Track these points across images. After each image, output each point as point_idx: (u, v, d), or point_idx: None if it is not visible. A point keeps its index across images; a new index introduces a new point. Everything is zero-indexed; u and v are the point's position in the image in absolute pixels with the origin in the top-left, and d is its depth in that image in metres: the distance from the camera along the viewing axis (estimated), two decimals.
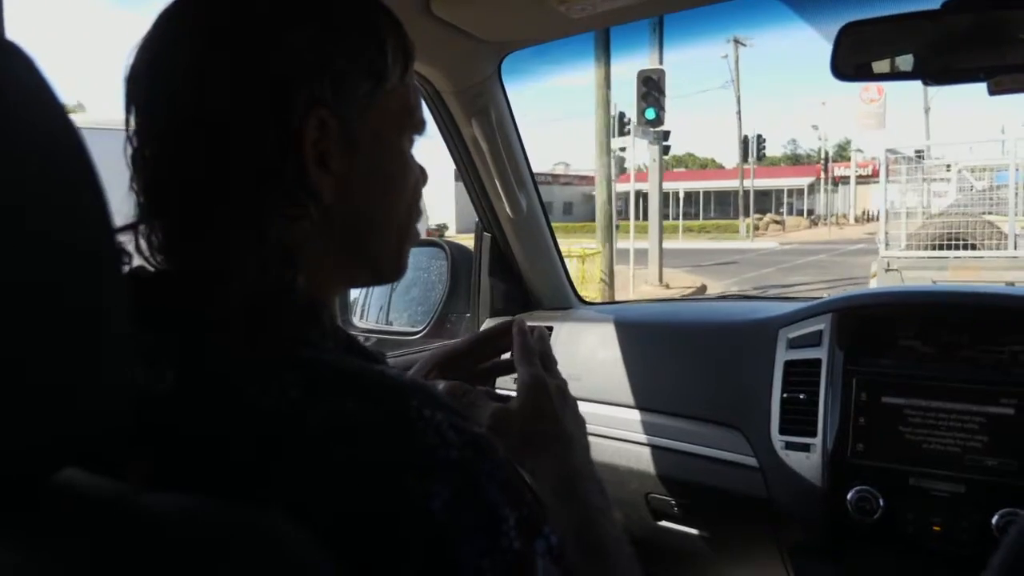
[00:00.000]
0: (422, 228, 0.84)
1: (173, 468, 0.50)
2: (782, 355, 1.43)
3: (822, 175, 43.46)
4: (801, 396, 1.37)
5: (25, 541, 0.37)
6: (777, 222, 39.86)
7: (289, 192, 0.59)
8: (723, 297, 2.15)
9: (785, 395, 1.39)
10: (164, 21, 0.61)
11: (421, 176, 0.72)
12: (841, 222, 43.06)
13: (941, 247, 8.77)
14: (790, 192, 48.25)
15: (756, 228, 36.24)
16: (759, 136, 34.50)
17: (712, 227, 39.33)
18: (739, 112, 36.17)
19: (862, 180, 47.16)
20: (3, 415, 0.35)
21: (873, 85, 29.57)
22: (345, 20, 0.62)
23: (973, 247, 8.73)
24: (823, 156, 39.26)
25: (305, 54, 0.59)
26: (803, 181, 46.68)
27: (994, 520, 1.17)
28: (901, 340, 1.35)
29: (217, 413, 0.51)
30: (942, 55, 1.19)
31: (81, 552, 0.35)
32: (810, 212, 46.84)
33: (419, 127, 0.70)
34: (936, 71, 1.20)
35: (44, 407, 0.37)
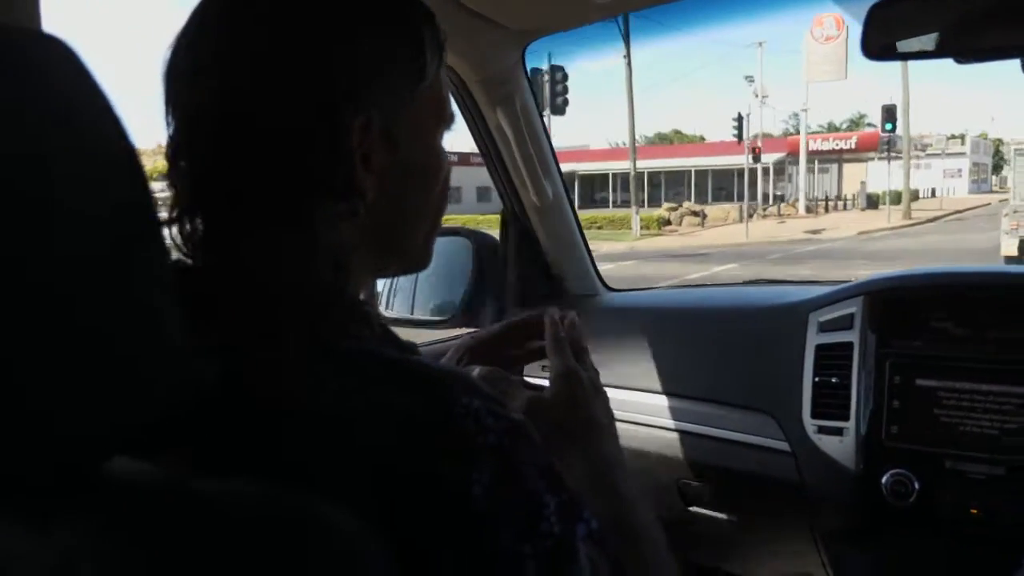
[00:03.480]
0: None
1: (216, 458, 0.51)
2: (813, 339, 1.42)
3: (803, 149, 35.64)
4: (833, 380, 1.36)
5: (81, 526, 0.38)
6: (695, 214, 30.89)
7: (336, 192, 0.60)
8: (751, 282, 2.14)
9: (817, 379, 1.38)
10: (203, 18, 0.61)
11: (449, 167, 0.73)
12: (787, 212, 35.22)
13: None
14: (752, 172, 37.47)
15: (667, 223, 29.41)
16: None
17: (606, 221, 29.52)
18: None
19: (851, 157, 42.01)
20: (64, 402, 0.36)
21: (830, 16, 27.12)
22: (387, 20, 0.63)
23: None
24: (737, 122, 28.01)
25: (352, 55, 0.59)
26: (768, 158, 37.10)
27: None
28: (933, 322, 1.34)
29: (261, 404, 0.52)
30: (973, 32, 1.17)
31: (137, 536, 0.36)
32: (778, 198, 39.66)
33: (450, 121, 0.70)
34: (968, 48, 1.18)
35: (102, 394, 0.38)
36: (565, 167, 2.03)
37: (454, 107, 0.72)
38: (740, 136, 28.94)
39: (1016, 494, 1.18)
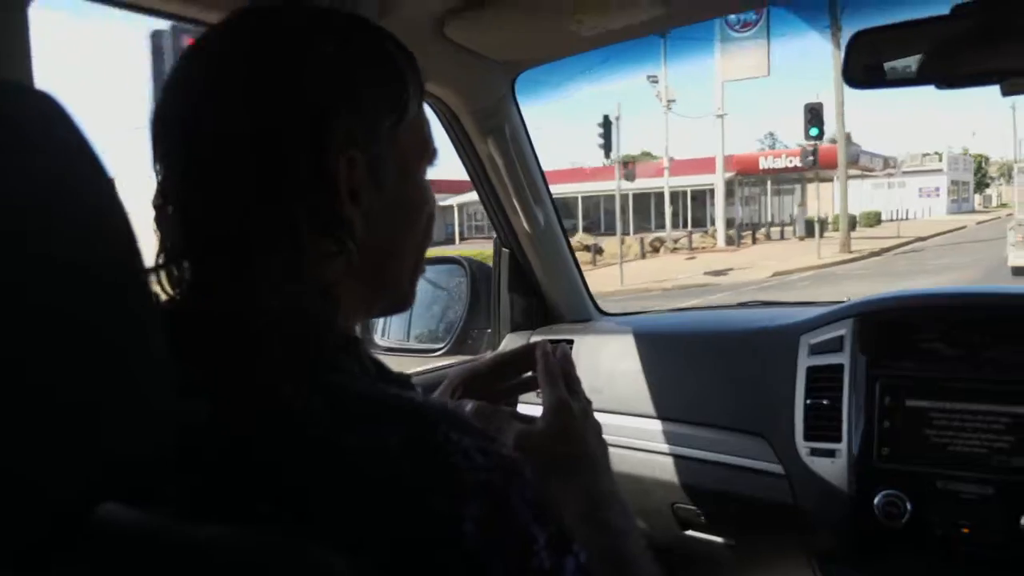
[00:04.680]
0: None
1: (207, 499, 0.52)
2: (804, 361, 1.43)
3: (720, 168, 28.71)
4: (824, 402, 1.37)
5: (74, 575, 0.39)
6: (587, 248, 22.99)
7: (325, 229, 0.61)
8: (745, 304, 2.15)
9: (808, 401, 1.40)
10: (193, 64, 0.63)
11: (434, 203, 0.74)
12: (702, 245, 28.17)
13: None
14: (697, 195, 34.56)
15: None
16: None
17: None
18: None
19: (814, 176, 31.36)
20: (44, 447, 0.36)
21: None
22: (370, 59, 0.64)
23: None
24: (604, 130, 20.49)
25: (336, 94, 0.61)
26: (712, 179, 30.13)
27: (1023, 521, 1.17)
28: (923, 343, 1.35)
29: (250, 444, 0.53)
30: (954, 58, 1.19)
31: None
32: (695, 224, 33.01)
33: (433, 157, 0.72)
34: (949, 75, 1.20)
35: (85, 439, 0.38)
36: (459, 198, 2.01)
37: (438, 141, 0.74)
38: (607, 148, 21.17)
39: (1006, 513, 1.19)
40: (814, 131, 20.29)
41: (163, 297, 0.61)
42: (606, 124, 21.09)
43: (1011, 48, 1.14)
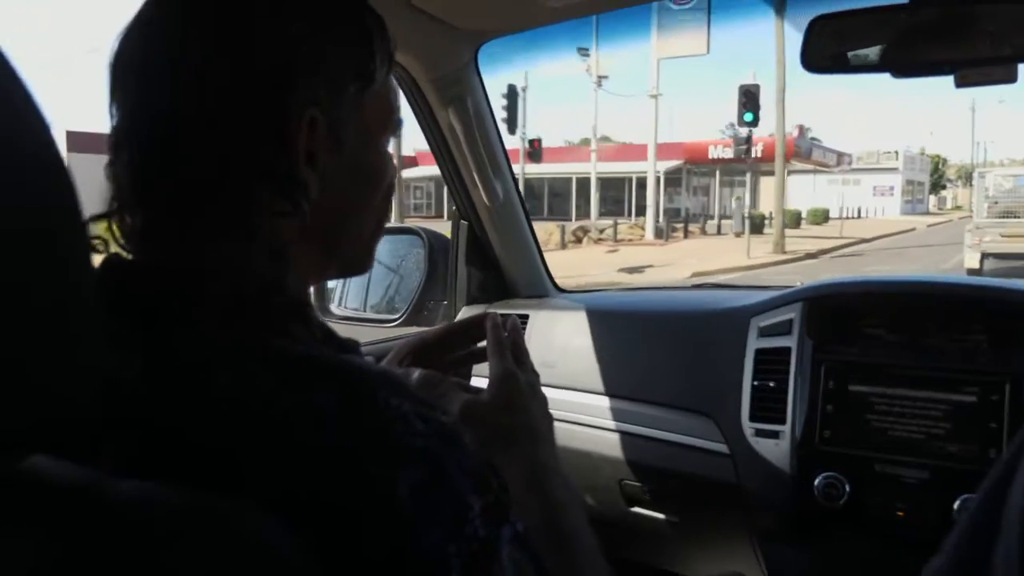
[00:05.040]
0: None
1: (143, 457, 0.51)
2: (753, 343, 1.45)
3: (652, 155, 26.26)
4: (771, 384, 1.40)
5: None
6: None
7: (280, 189, 0.60)
8: (699, 286, 2.18)
9: (755, 383, 1.42)
10: (156, 10, 0.61)
11: (395, 171, 0.73)
12: (629, 236, 25.55)
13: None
14: (627, 184, 32.64)
15: None
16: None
17: None
18: None
19: (768, 169, 29.89)
20: None
21: None
22: (337, 21, 0.63)
23: None
24: (508, 101, 18.43)
25: (301, 54, 0.60)
26: (661, 166, 28.72)
27: (956, 505, 1.20)
28: (869, 329, 1.38)
29: (186, 402, 0.52)
30: (910, 48, 1.20)
31: (44, 539, 0.36)
32: (641, 212, 30.02)
33: (397, 128, 0.71)
34: (904, 64, 1.22)
35: (8, 391, 0.37)
36: (434, 169, 1.99)
37: (404, 105, 0.73)
38: (511, 123, 18.96)
39: (940, 497, 1.22)
40: (749, 116, 17.97)
41: (112, 248, 0.60)
42: (511, 95, 18.88)
43: (965, 40, 1.15)
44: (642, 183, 31.10)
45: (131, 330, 0.54)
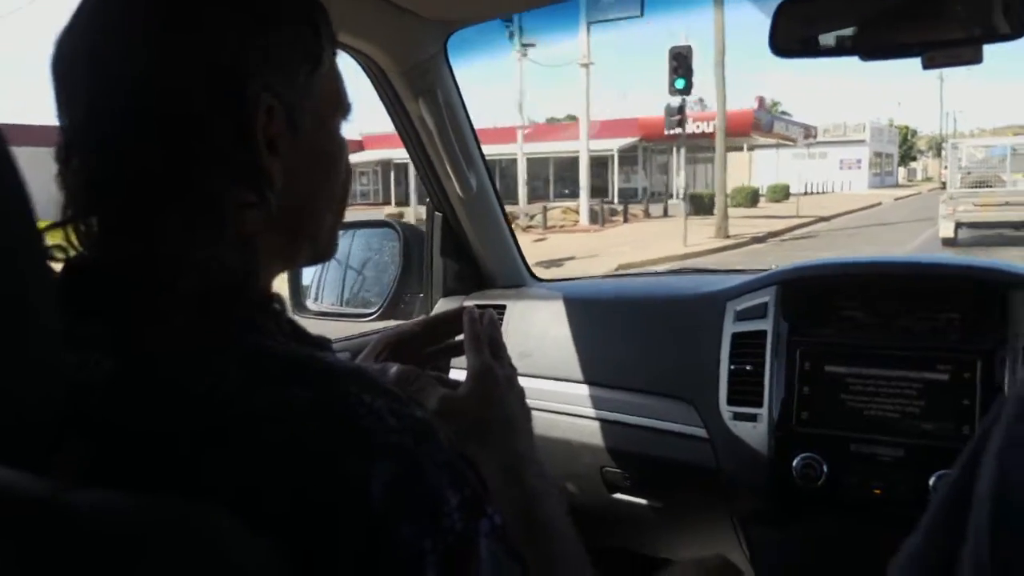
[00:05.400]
0: None
1: (108, 461, 0.50)
2: (729, 327, 1.46)
3: (584, 131, 23.65)
4: (748, 367, 1.40)
5: None
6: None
7: (243, 180, 0.59)
8: (677, 271, 2.19)
9: (733, 367, 1.42)
10: (96, 8, 0.60)
11: (348, 155, 0.73)
12: (561, 222, 22.97)
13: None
14: (602, 161, 28.85)
15: None
16: None
17: None
18: None
19: (732, 144, 27.95)
20: None
21: None
22: (284, 6, 0.62)
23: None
24: None
25: (252, 41, 0.59)
26: (613, 144, 27.29)
27: (931, 482, 1.21)
28: (843, 310, 1.39)
29: (154, 403, 0.51)
30: (879, 31, 1.21)
31: (2, 553, 0.35)
32: (595, 193, 25.28)
33: (348, 111, 0.70)
34: (873, 47, 1.22)
35: None
36: (381, 153, 1.93)
37: (374, 96, 0.72)
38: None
39: (915, 475, 1.23)
40: (680, 83, 16.15)
41: (70, 252, 0.58)
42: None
43: (931, 21, 1.16)
44: (600, 161, 29.18)
45: (98, 331, 0.53)
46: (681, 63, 16.07)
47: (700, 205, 23.01)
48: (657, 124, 27.66)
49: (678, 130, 18.39)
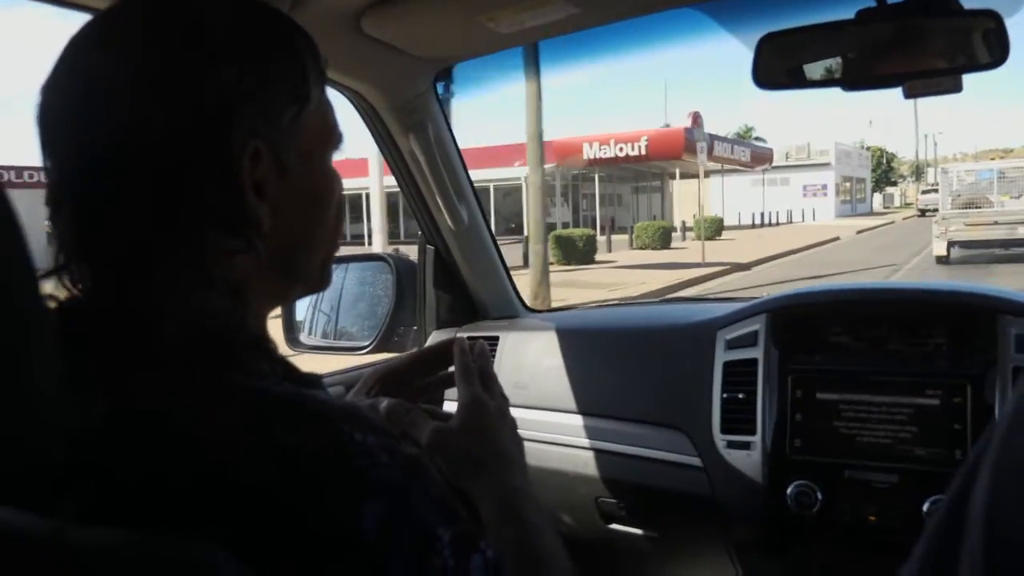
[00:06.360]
0: None
1: (108, 503, 0.50)
2: (721, 356, 1.47)
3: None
4: (740, 395, 1.41)
5: None
6: None
7: (230, 227, 0.59)
8: (669, 300, 2.20)
9: (725, 395, 1.43)
10: (80, 54, 0.60)
11: (341, 187, 0.73)
12: None
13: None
14: (511, 191, 26.22)
15: None
16: None
17: None
18: None
19: (688, 172, 26.34)
20: None
21: None
22: (269, 48, 0.62)
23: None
24: None
25: (235, 86, 0.58)
26: (521, 172, 19.68)
27: (925, 507, 1.21)
28: (832, 337, 1.40)
29: (147, 445, 0.52)
30: (861, 63, 1.23)
31: None
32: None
33: (339, 142, 0.70)
34: (855, 78, 1.24)
35: None
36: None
37: (365, 132, 0.72)
38: None
39: (909, 500, 1.23)
40: None
41: (63, 296, 0.58)
42: None
43: (912, 52, 1.18)
44: (508, 192, 26.69)
45: (91, 375, 0.53)
46: None
47: (571, 249, 17.85)
48: (571, 146, 25.29)
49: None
